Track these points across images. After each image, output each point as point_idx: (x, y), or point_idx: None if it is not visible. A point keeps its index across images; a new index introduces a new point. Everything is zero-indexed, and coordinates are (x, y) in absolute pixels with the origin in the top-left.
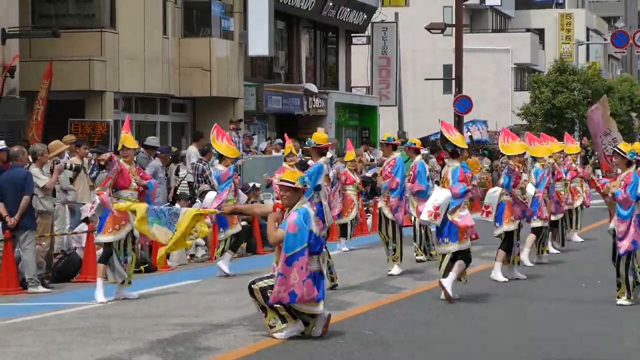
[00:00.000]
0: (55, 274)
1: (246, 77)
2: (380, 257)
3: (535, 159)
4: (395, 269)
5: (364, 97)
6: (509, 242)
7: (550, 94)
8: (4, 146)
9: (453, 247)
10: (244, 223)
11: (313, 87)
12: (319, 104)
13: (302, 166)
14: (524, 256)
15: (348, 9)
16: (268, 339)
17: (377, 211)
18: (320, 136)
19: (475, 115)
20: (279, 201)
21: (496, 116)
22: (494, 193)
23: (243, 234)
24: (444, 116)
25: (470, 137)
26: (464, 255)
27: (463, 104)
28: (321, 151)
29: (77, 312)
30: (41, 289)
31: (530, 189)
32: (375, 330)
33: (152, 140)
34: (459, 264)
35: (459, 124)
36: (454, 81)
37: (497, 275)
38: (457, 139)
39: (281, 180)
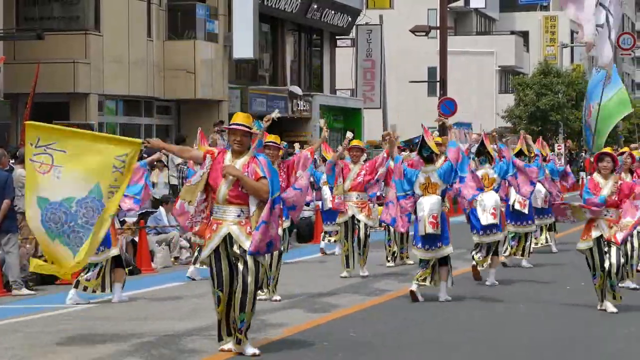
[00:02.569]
0: (40, 276)
1: (231, 80)
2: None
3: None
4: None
5: (348, 100)
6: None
7: (535, 97)
8: None
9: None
10: None
11: (297, 90)
12: (304, 106)
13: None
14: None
15: (332, 12)
16: (253, 342)
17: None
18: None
19: (460, 118)
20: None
21: (480, 119)
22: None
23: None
24: (429, 118)
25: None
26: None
27: (447, 107)
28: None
29: (61, 314)
30: (25, 291)
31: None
32: (360, 333)
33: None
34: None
35: (442, 127)
36: (438, 84)
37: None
38: (434, 145)
39: (237, 124)
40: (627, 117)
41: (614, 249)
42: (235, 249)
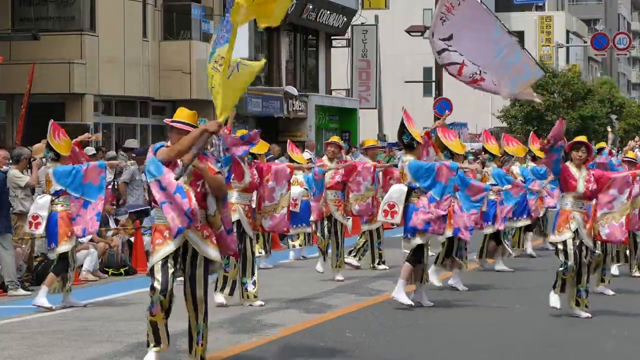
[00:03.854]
0: (36, 276)
1: None
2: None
3: (493, 158)
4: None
5: (344, 100)
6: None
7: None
8: None
9: (416, 240)
10: None
11: (293, 90)
12: (299, 106)
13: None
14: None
15: (328, 12)
16: (249, 343)
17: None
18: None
19: (456, 118)
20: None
21: (476, 119)
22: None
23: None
24: (425, 119)
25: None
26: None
27: (443, 107)
28: None
29: (57, 314)
30: (21, 291)
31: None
32: (355, 333)
33: (131, 143)
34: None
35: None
36: (434, 84)
37: (456, 281)
38: (416, 132)
39: (181, 123)
40: (624, 117)
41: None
42: (189, 255)
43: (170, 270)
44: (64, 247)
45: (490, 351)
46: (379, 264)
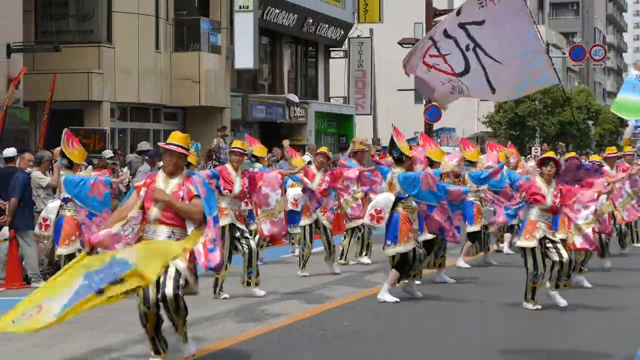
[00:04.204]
0: (56, 269)
1: (232, 88)
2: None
3: (471, 163)
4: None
5: (341, 107)
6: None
7: (513, 103)
8: (15, 153)
9: (398, 248)
10: None
11: (294, 98)
12: (300, 113)
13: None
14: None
15: (326, 25)
16: (254, 331)
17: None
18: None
19: (444, 123)
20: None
21: (463, 124)
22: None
23: None
24: (416, 125)
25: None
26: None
27: (433, 113)
28: None
29: None
30: (43, 283)
31: None
32: (352, 322)
33: (144, 145)
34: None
35: (429, 131)
36: None
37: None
38: (404, 147)
39: (174, 145)
40: (600, 123)
41: (560, 245)
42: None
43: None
44: (62, 250)
45: (481, 336)
46: (365, 255)
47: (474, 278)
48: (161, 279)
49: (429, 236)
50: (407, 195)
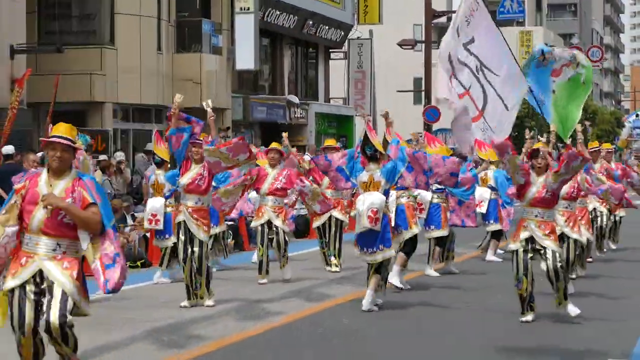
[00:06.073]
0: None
1: (234, 89)
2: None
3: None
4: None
5: (341, 108)
6: (412, 246)
7: None
8: (13, 150)
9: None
10: (230, 223)
11: (295, 99)
12: (300, 113)
13: None
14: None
15: (326, 27)
16: (254, 329)
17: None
18: None
19: (443, 124)
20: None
21: None
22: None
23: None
24: (414, 125)
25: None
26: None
27: (432, 114)
28: None
29: None
30: None
31: (427, 195)
32: (351, 320)
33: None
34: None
35: (428, 132)
36: (423, 93)
37: (394, 280)
38: (378, 143)
39: (56, 137)
40: (597, 123)
41: (549, 252)
42: (45, 285)
43: (30, 299)
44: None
45: (480, 336)
46: (335, 257)
47: (472, 279)
48: (44, 302)
49: (444, 232)
50: (396, 184)
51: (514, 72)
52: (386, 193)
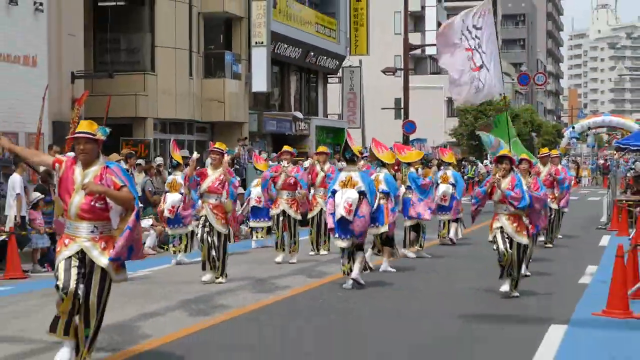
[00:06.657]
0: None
1: (250, 107)
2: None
3: (409, 164)
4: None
5: (336, 122)
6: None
7: (473, 119)
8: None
9: (346, 242)
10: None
11: (299, 114)
12: (304, 126)
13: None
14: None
15: (325, 57)
16: (268, 299)
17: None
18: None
19: (418, 135)
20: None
21: (433, 136)
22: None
23: None
24: (395, 136)
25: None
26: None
27: (409, 127)
28: None
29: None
30: None
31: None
32: (345, 293)
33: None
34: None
35: (406, 141)
36: (402, 110)
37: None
38: (356, 149)
39: (79, 132)
40: (542, 134)
41: (515, 244)
42: (87, 261)
43: (74, 272)
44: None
45: (459, 316)
46: (325, 243)
47: (440, 261)
48: (87, 275)
49: (413, 222)
50: (388, 190)
51: (499, 75)
52: (360, 191)
